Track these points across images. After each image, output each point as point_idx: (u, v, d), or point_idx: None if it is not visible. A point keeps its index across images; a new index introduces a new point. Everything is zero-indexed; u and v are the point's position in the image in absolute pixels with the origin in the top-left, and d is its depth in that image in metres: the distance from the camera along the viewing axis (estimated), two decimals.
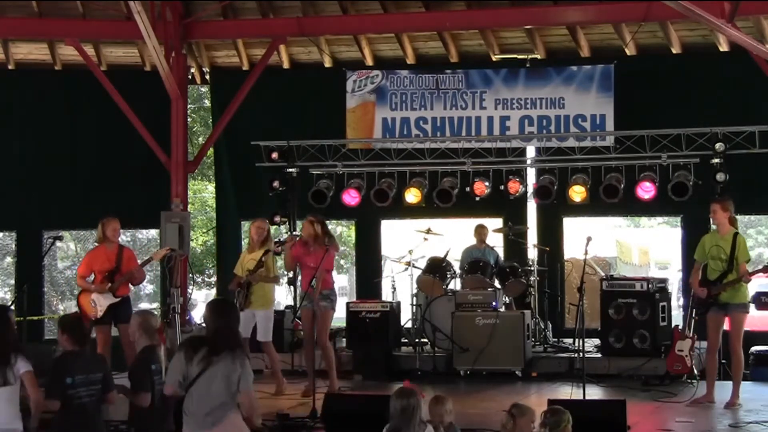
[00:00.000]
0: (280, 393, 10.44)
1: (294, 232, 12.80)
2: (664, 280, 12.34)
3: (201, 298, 24.88)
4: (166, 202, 13.39)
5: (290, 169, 13.46)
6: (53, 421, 6.49)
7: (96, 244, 10.50)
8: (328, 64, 14.77)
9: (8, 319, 6.68)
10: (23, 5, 13.93)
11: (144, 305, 25.15)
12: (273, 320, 10.80)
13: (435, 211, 13.38)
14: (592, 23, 13.60)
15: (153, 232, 22.47)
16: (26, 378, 6.38)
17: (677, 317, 12.70)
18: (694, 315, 10.63)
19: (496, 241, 13.58)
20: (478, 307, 11.84)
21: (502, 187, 12.84)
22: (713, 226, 9.97)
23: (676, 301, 16.50)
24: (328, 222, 10.79)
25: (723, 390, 9.81)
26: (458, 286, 12.54)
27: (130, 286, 10.54)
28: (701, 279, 9.64)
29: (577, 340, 11.45)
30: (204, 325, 6.32)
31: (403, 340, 12.69)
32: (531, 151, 13.76)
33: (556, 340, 12.99)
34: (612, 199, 12.37)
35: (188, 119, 16.13)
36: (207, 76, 15.40)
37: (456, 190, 12.90)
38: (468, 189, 12.90)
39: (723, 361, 11.25)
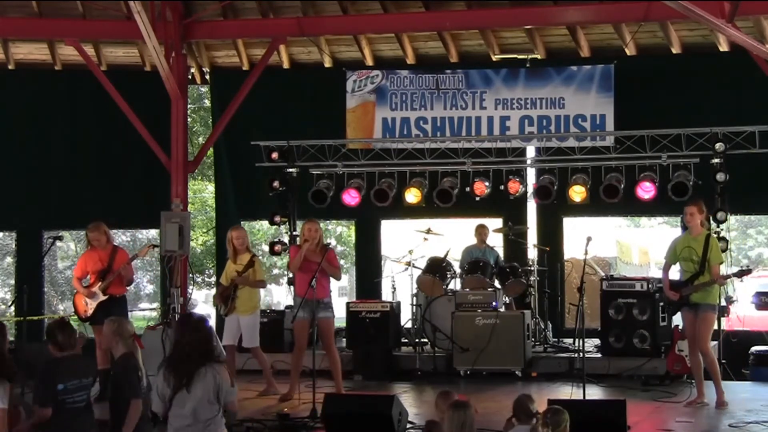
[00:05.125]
0: (267, 393, 10.45)
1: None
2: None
3: (201, 298, 24.92)
4: (166, 202, 13.38)
5: (290, 169, 13.45)
6: (46, 427, 6.38)
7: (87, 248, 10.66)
8: (328, 64, 14.77)
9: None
10: (23, 5, 13.93)
11: (144, 305, 25.21)
12: (258, 325, 10.74)
13: (435, 211, 13.38)
14: (592, 23, 13.59)
15: (153, 232, 22.47)
16: None
17: (677, 317, 12.68)
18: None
19: (496, 241, 13.58)
20: (478, 307, 11.84)
21: (502, 187, 12.83)
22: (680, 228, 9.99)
23: None
24: (328, 222, 10.78)
25: (725, 390, 9.80)
26: (458, 286, 12.55)
27: (127, 286, 10.62)
28: (674, 281, 9.68)
29: (577, 340, 11.47)
30: (176, 340, 6.35)
31: (403, 340, 12.70)
32: (531, 151, 13.76)
33: (556, 340, 13.00)
34: (612, 199, 12.36)
35: (188, 119, 16.12)
36: (207, 76, 15.39)
37: (456, 190, 12.89)
38: (468, 189, 12.89)
39: (723, 361, 11.27)
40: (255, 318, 10.67)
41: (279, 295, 29.26)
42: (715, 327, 10.68)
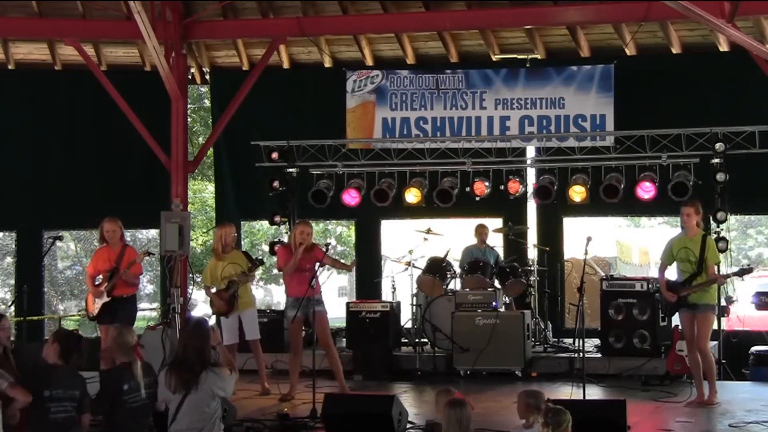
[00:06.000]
0: (266, 393, 10.48)
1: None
2: None
3: (201, 298, 24.87)
4: (166, 202, 13.38)
5: (290, 169, 13.45)
6: None
7: (98, 245, 10.66)
8: (328, 64, 14.77)
9: None
10: (23, 5, 13.93)
11: (144, 305, 25.19)
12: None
13: (435, 211, 13.38)
14: (592, 23, 13.59)
15: (153, 232, 22.50)
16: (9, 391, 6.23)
17: (677, 317, 12.70)
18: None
19: (496, 241, 13.58)
20: (478, 307, 11.84)
21: (502, 187, 12.83)
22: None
23: None
24: (328, 222, 10.78)
25: (723, 390, 9.80)
26: (458, 286, 12.54)
27: (137, 285, 10.64)
28: (671, 282, 9.69)
29: (577, 340, 11.46)
30: (178, 345, 6.44)
31: (403, 340, 12.69)
32: (531, 151, 13.76)
33: (556, 340, 13.00)
34: (612, 199, 12.36)
35: (188, 119, 16.12)
36: (207, 76, 15.40)
37: (456, 190, 12.89)
38: (468, 189, 12.89)
39: (723, 361, 11.28)
40: (255, 311, 10.85)
41: (279, 295, 29.26)
42: (715, 327, 10.69)
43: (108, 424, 6.68)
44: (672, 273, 9.85)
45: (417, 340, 12.23)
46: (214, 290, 10.56)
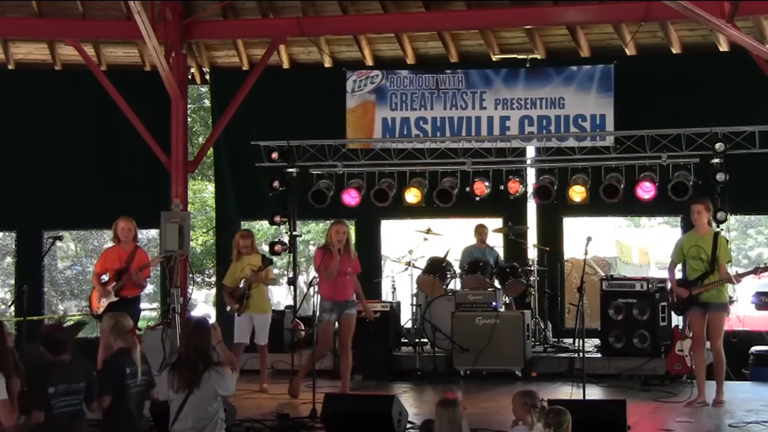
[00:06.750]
0: (263, 390, 10.53)
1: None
2: (664, 280, 12.26)
3: (201, 298, 24.90)
4: (166, 202, 13.37)
5: (290, 169, 13.44)
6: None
7: (112, 243, 10.72)
8: (328, 64, 14.77)
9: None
10: (23, 5, 13.93)
11: (144, 305, 25.20)
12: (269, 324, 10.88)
13: (435, 211, 13.37)
14: (592, 23, 13.60)
15: (153, 232, 22.47)
16: None
17: (677, 317, 12.70)
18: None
19: (496, 241, 13.58)
20: (478, 307, 11.84)
21: (502, 187, 12.82)
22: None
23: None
24: (328, 222, 10.79)
25: (725, 390, 9.79)
26: (458, 286, 12.55)
27: (144, 287, 10.66)
28: (681, 279, 9.68)
29: (577, 340, 11.46)
30: (180, 345, 6.48)
31: (403, 340, 12.70)
32: (531, 151, 13.76)
33: (556, 340, 13.00)
34: (612, 199, 12.36)
35: (188, 119, 16.12)
36: (207, 76, 15.40)
37: (456, 190, 12.88)
38: (468, 189, 12.88)
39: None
40: (269, 317, 10.91)
41: (279, 295, 29.20)
42: None
43: (112, 407, 6.70)
44: (665, 273, 9.86)
45: (417, 340, 12.23)
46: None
